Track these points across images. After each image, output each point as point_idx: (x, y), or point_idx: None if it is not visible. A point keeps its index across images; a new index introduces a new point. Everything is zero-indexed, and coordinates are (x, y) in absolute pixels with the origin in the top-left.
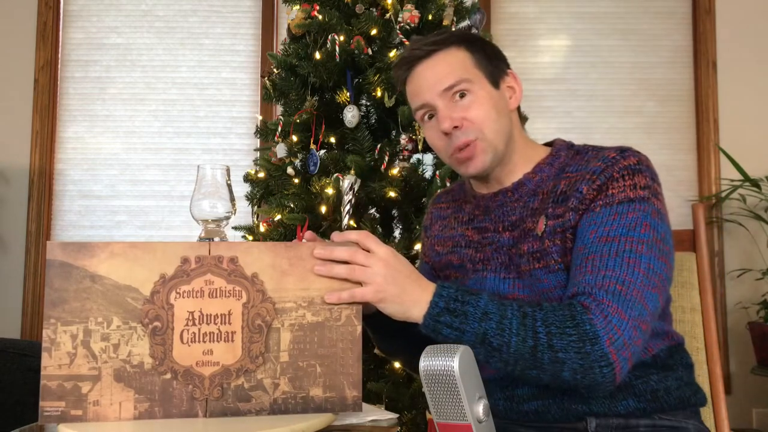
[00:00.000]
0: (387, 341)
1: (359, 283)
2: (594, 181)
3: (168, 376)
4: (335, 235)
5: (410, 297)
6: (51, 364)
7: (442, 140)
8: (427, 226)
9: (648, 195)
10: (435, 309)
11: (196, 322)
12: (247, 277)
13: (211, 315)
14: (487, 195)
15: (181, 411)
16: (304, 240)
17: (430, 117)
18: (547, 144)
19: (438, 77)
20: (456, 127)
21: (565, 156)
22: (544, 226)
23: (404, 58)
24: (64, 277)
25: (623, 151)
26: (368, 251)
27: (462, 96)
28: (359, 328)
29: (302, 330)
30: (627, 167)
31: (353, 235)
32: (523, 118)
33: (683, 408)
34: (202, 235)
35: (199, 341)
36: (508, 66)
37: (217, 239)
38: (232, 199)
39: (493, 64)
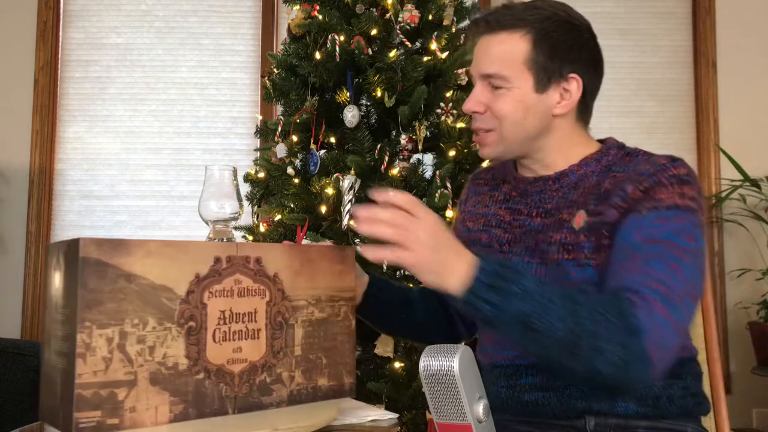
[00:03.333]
0: (384, 324)
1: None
2: (641, 182)
3: (201, 375)
4: (377, 194)
5: (449, 268)
6: (86, 371)
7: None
8: (463, 201)
9: (695, 207)
10: (476, 284)
11: (227, 320)
12: (270, 277)
13: (239, 313)
14: (528, 178)
15: (212, 410)
16: (303, 241)
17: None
18: (600, 141)
19: (487, 59)
20: (476, 112)
21: (613, 155)
22: (584, 222)
23: (478, 20)
24: (99, 277)
25: (674, 160)
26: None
27: (498, 87)
28: (353, 323)
29: (312, 326)
30: (677, 176)
31: (399, 198)
32: (588, 114)
33: (684, 416)
34: (211, 235)
35: (229, 339)
36: (579, 67)
37: (224, 239)
38: (239, 200)
39: (555, 63)
